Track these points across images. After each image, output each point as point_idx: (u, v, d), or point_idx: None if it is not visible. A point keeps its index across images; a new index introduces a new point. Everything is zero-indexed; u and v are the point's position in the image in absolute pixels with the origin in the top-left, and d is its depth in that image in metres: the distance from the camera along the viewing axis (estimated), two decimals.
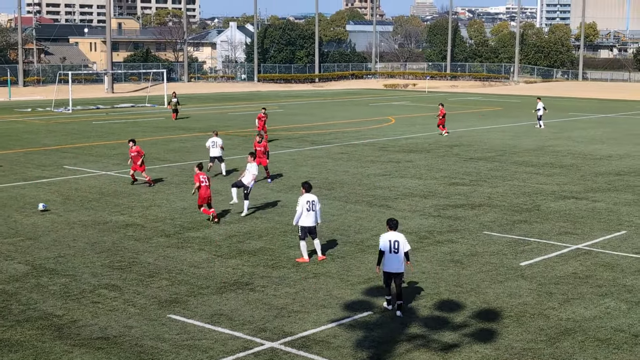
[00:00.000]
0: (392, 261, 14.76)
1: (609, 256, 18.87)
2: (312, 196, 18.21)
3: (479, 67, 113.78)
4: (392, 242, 14.78)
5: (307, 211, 17.96)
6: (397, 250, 14.75)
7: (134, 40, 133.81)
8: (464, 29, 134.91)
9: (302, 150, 36.97)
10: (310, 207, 17.99)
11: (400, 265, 14.76)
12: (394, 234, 14.94)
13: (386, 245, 14.79)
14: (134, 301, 15.32)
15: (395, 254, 14.73)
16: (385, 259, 14.79)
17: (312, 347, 13.10)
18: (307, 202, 18.03)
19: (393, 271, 14.78)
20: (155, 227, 21.39)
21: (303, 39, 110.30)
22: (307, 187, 18.33)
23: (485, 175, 30.33)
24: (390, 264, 14.78)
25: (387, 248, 14.77)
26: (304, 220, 17.97)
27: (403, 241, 14.88)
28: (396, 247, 14.75)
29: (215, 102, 69.88)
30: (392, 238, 14.83)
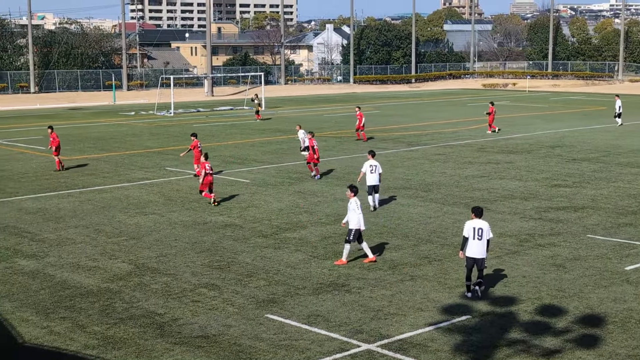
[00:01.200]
0: (475, 247, 15.53)
1: None
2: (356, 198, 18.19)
3: (582, 65, 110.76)
4: (476, 229, 15.53)
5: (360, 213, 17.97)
6: (481, 237, 15.51)
7: (232, 44, 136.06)
8: (566, 27, 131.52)
9: (398, 152, 36.79)
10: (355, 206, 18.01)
11: (483, 251, 15.55)
12: (479, 221, 15.61)
13: (470, 231, 15.54)
14: (233, 300, 15.54)
15: (478, 240, 15.50)
16: (469, 245, 15.55)
17: (409, 350, 13.00)
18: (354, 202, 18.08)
19: (476, 256, 15.52)
20: (253, 228, 21.66)
21: (400, 40, 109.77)
22: (354, 190, 18.34)
23: (588, 176, 29.49)
24: (473, 249, 15.51)
25: (471, 234, 15.51)
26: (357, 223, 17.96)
27: (487, 229, 15.59)
28: (480, 234, 15.51)
29: (311, 104, 70.33)
30: (477, 225, 15.56)
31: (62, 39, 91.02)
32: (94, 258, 18.70)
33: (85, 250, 19.45)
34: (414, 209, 24.00)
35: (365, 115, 41.99)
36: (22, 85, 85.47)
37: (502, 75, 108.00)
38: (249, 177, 29.87)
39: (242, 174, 30.58)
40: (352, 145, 39.25)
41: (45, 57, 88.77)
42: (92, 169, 32.05)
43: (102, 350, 13.13)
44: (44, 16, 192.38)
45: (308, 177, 29.55)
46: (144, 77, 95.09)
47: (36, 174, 31.10)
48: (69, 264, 18.23)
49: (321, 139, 41.96)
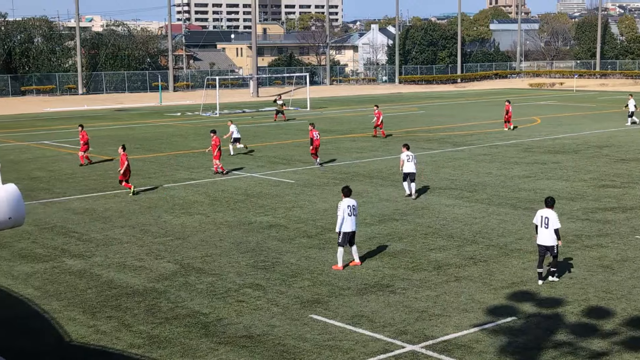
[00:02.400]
0: (543, 235, 16.47)
1: None
2: (352, 201, 17.84)
3: (631, 64, 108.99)
4: (543, 218, 16.50)
5: (348, 216, 17.58)
6: (547, 226, 16.36)
7: (278, 45, 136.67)
8: (614, 25, 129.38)
9: (444, 152, 36.57)
10: (351, 212, 17.62)
11: (552, 240, 16.35)
12: (547, 210, 16.56)
13: (538, 220, 16.61)
14: (277, 301, 15.58)
15: (545, 228, 16.41)
16: (538, 233, 16.58)
17: (454, 352, 12.91)
18: (348, 206, 17.66)
19: (545, 244, 16.42)
20: (297, 228, 21.70)
21: (445, 40, 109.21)
22: (346, 191, 18.02)
23: (637, 177, 28.99)
24: (541, 237, 16.49)
25: (539, 222, 16.58)
26: (345, 226, 17.61)
27: (553, 218, 16.35)
28: (546, 223, 16.38)
29: (356, 104, 70.28)
30: (544, 214, 16.52)
31: (109, 40, 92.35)
32: (140, 258, 18.91)
33: (131, 250, 19.68)
34: (459, 209, 23.84)
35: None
36: (70, 86, 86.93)
37: (549, 75, 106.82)
38: (293, 178, 29.95)
39: (287, 175, 30.67)
40: (397, 145, 39.10)
41: (92, 59, 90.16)
42: (138, 170, 32.40)
43: (148, 349, 13.26)
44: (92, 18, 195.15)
45: (354, 178, 29.53)
46: (190, 78, 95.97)
47: (83, 174, 31.56)
48: (115, 263, 18.46)
49: (366, 139, 41.92)
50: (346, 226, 17.61)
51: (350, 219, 17.60)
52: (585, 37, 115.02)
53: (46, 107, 70.20)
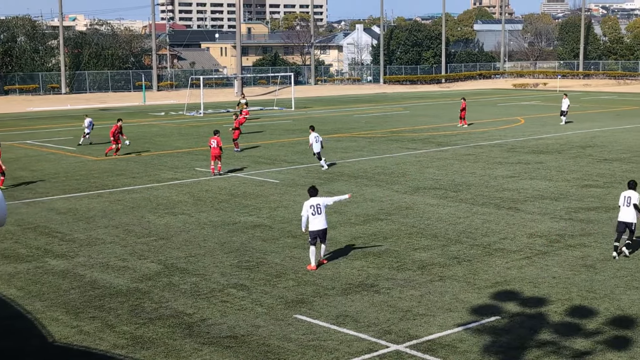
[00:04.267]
0: (625, 212, 18.30)
1: None
2: (316, 199, 17.89)
3: (614, 65, 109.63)
4: (625, 197, 18.44)
5: (312, 215, 17.65)
6: (629, 204, 18.24)
7: (262, 44, 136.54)
8: (597, 26, 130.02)
9: (428, 152, 36.65)
10: (315, 210, 17.68)
11: (633, 217, 18.16)
12: (630, 191, 18.49)
13: (621, 200, 18.50)
14: (262, 301, 15.56)
15: (627, 207, 18.26)
16: (620, 211, 18.40)
17: (438, 351, 12.93)
18: (311, 206, 17.74)
19: (627, 220, 18.20)
20: (282, 228, 21.68)
21: (430, 40, 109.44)
22: (311, 191, 18.17)
23: (620, 177, 29.16)
24: (623, 214, 18.30)
25: (622, 202, 18.45)
26: (312, 225, 17.66)
27: (635, 197, 18.23)
28: (628, 202, 18.27)
29: (341, 104, 70.32)
30: (627, 194, 18.42)
31: (92, 40, 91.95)
32: (123, 258, 18.83)
33: (114, 250, 19.60)
34: (444, 209, 23.89)
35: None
36: (53, 86, 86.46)
37: (533, 75, 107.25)
38: (278, 178, 29.92)
39: (272, 174, 30.65)
40: (382, 145, 39.18)
41: (76, 58, 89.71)
42: (122, 170, 32.29)
43: (131, 349, 13.21)
44: (75, 17, 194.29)
45: (339, 178, 29.54)
46: (174, 78, 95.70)
47: (67, 174, 31.40)
48: (98, 263, 18.38)
49: (351, 139, 41.94)
50: (313, 225, 17.62)
51: (314, 217, 17.61)
52: (569, 38, 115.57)
53: (29, 107, 69.83)
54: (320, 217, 17.70)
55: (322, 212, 17.77)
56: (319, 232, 17.72)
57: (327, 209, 18.48)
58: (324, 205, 17.92)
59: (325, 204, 17.99)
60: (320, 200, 18.00)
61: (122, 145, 36.52)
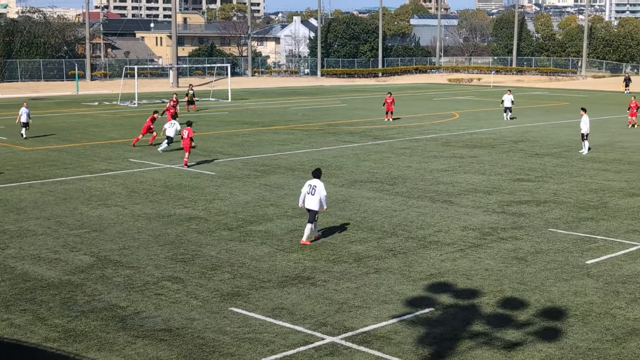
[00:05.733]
0: None
1: None
2: (315, 181, 19.04)
3: (546, 61, 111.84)
4: None
5: (308, 194, 18.94)
6: None
7: (199, 35, 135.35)
8: (531, 23, 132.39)
9: (365, 145, 36.86)
10: (310, 190, 18.91)
11: None
12: None
13: None
14: (197, 294, 15.46)
15: None
16: None
17: (373, 343, 13.04)
18: (309, 185, 19.01)
19: None
20: (218, 221, 21.56)
21: (367, 33, 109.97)
22: (314, 172, 19.37)
23: (551, 171, 29.80)
24: None
25: None
26: (307, 203, 18.96)
27: None
28: None
29: (278, 96, 70.21)
30: None
31: (24, 27, 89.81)
32: (55, 250, 18.48)
33: (46, 242, 19.22)
34: (380, 202, 24.07)
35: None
36: None
37: (468, 71, 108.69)
38: (214, 170, 29.74)
39: (208, 167, 30.44)
40: (319, 138, 39.27)
41: (7, 46, 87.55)
42: (54, 160, 31.67)
43: (63, 343, 12.98)
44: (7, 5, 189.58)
45: (276, 170, 29.51)
46: (108, 67, 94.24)
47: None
48: (29, 255, 18.01)
49: (288, 131, 41.91)
50: (307, 203, 18.93)
51: (309, 197, 18.87)
52: (503, 34, 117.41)
53: None
54: (314, 198, 18.84)
55: (316, 194, 18.82)
56: (311, 211, 18.91)
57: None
58: (320, 191, 18.88)
59: (320, 191, 18.91)
60: (318, 184, 18.96)
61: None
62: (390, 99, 47.88)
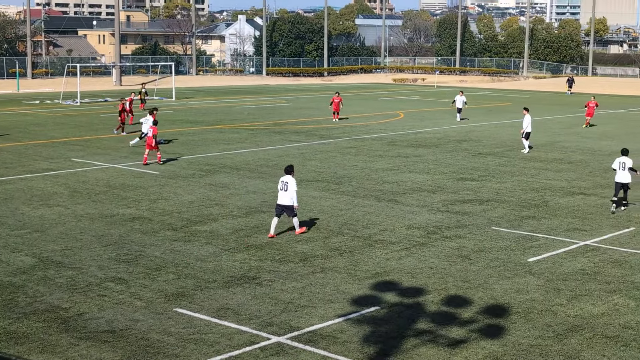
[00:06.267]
0: (621, 175, 22.65)
1: (617, 253, 18.77)
2: (287, 177, 19.59)
3: (488, 62, 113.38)
4: (621, 163, 22.72)
5: (280, 190, 19.51)
6: (624, 168, 22.53)
7: (142, 33, 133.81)
8: (474, 24, 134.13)
9: (311, 144, 36.91)
10: (282, 187, 19.49)
11: (627, 178, 22.65)
12: (624, 157, 22.83)
13: (616, 164, 22.86)
14: (141, 295, 15.30)
15: (623, 170, 22.59)
16: (617, 174, 22.78)
17: (318, 342, 13.06)
18: (281, 181, 19.62)
19: (623, 181, 22.72)
20: (162, 221, 21.37)
21: (312, 33, 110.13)
22: (285, 169, 20.00)
23: (493, 170, 30.23)
24: (620, 176, 22.67)
25: (617, 166, 22.78)
26: (279, 199, 19.57)
27: (629, 161, 22.61)
28: (624, 167, 22.58)
29: (223, 95, 69.86)
30: (621, 160, 22.79)
31: None
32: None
33: None
34: (326, 201, 24.12)
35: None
36: None
37: (412, 71, 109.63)
38: (158, 169, 29.46)
39: (152, 166, 30.13)
40: (265, 137, 39.20)
41: None
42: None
43: (5, 345, 12.73)
44: None
45: (221, 170, 29.36)
46: (50, 65, 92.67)
47: None
48: None
49: (233, 130, 41.74)
50: (279, 199, 19.54)
51: (281, 193, 19.44)
52: (446, 35, 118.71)
53: None
54: (285, 194, 19.42)
55: (288, 190, 19.40)
56: (283, 206, 19.52)
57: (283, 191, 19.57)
58: (291, 187, 19.43)
59: (292, 187, 19.44)
60: (290, 180, 19.52)
61: None
62: (338, 99, 47.89)
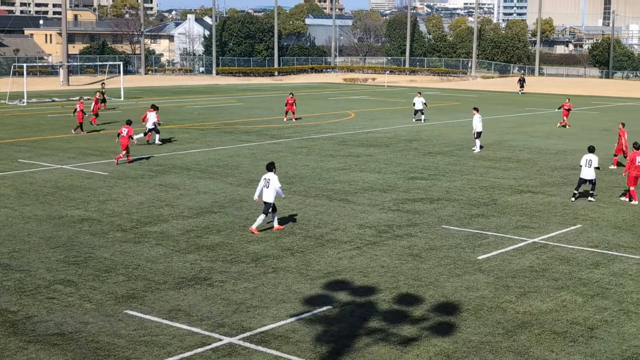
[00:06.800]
0: (586, 172, 24.02)
1: (564, 250, 19.09)
2: (269, 175, 20.02)
3: (438, 62, 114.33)
4: (587, 160, 24.00)
5: (264, 187, 19.93)
6: (590, 165, 23.93)
7: (90, 32, 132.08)
8: (423, 24, 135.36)
9: (262, 144, 36.83)
10: (265, 184, 19.90)
11: (592, 175, 24.04)
12: (590, 154, 24.11)
13: (583, 161, 24.12)
14: (90, 297, 15.11)
15: (588, 167, 23.98)
16: (582, 170, 24.11)
17: (271, 342, 13.04)
18: (264, 179, 20.01)
19: (587, 178, 24.09)
20: (111, 222, 21.13)
21: (262, 32, 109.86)
22: (267, 166, 20.47)
23: (443, 169, 30.50)
24: (585, 173, 24.03)
25: (584, 163, 24.05)
26: (263, 196, 19.95)
27: (595, 160, 23.95)
28: (589, 164, 23.94)
29: (172, 95, 69.32)
30: (588, 157, 24.06)
31: None
32: None
33: None
34: (277, 201, 23.99)
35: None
36: None
37: (362, 70, 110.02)
38: (107, 170, 29.12)
39: (100, 166, 29.78)
40: (215, 137, 38.99)
41: None
42: None
43: None
44: None
45: (171, 170, 29.14)
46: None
47: None
48: None
49: (184, 130, 41.45)
50: (263, 196, 19.91)
51: (265, 190, 19.84)
52: (396, 35, 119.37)
53: None
54: (268, 190, 19.84)
55: (270, 187, 19.81)
56: (266, 203, 19.90)
57: None
58: (274, 183, 19.84)
59: (274, 184, 19.85)
60: (272, 177, 19.92)
61: None
62: (292, 99, 47.77)
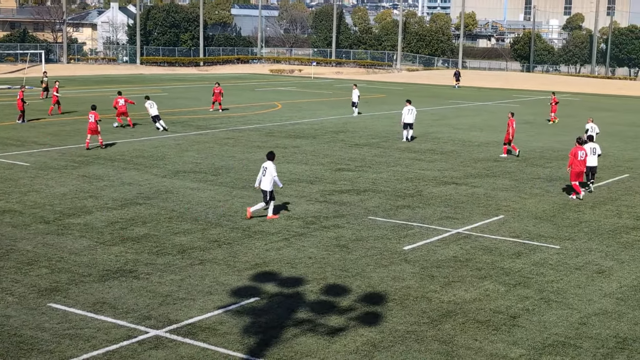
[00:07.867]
0: (591, 159, 24.66)
1: (487, 240, 19.50)
2: (267, 163, 20.61)
3: (363, 54, 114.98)
4: (591, 148, 24.87)
5: (262, 176, 20.50)
6: (594, 153, 24.95)
7: (10, 19, 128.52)
8: (349, 16, 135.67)
9: (187, 135, 36.51)
10: (263, 172, 20.48)
11: (595, 162, 25.07)
12: (594, 144, 25.35)
13: (588, 150, 24.45)
14: (12, 290, 14.78)
15: (592, 155, 24.84)
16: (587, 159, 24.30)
17: (198, 334, 12.98)
18: (263, 167, 20.61)
19: (592, 165, 24.83)
20: (33, 214, 20.68)
21: (187, 22, 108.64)
22: (267, 155, 21.02)
23: (369, 161, 30.76)
24: (589, 161, 24.50)
25: (589, 152, 24.59)
26: (262, 184, 20.51)
27: (598, 148, 25.32)
28: (594, 152, 25.05)
29: (95, 84, 68.08)
30: (592, 146, 24.99)
31: None
32: None
33: None
34: (204, 192, 23.94)
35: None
36: None
37: (289, 62, 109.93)
38: (28, 160, 28.45)
39: (21, 157, 29.08)
40: (140, 128, 38.47)
41: None
42: None
43: None
44: None
45: (95, 161, 28.63)
46: None
47: None
48: None
49: (108, 121, 40.77)
50: (262, 184, 20.43)
51: (263, 178, 20.37)
52: (322, 26, 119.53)
53: None
54: (265, 178, 20.36)
55: (267, 175, 20.30)
56: (264, 192, 20.48)
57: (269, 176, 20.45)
58: (270, 172, 20.34)
59: (271, 172, 20.36)
60: (270, 165, 20.44)
61: None
62: (218, 89, 47.51)
